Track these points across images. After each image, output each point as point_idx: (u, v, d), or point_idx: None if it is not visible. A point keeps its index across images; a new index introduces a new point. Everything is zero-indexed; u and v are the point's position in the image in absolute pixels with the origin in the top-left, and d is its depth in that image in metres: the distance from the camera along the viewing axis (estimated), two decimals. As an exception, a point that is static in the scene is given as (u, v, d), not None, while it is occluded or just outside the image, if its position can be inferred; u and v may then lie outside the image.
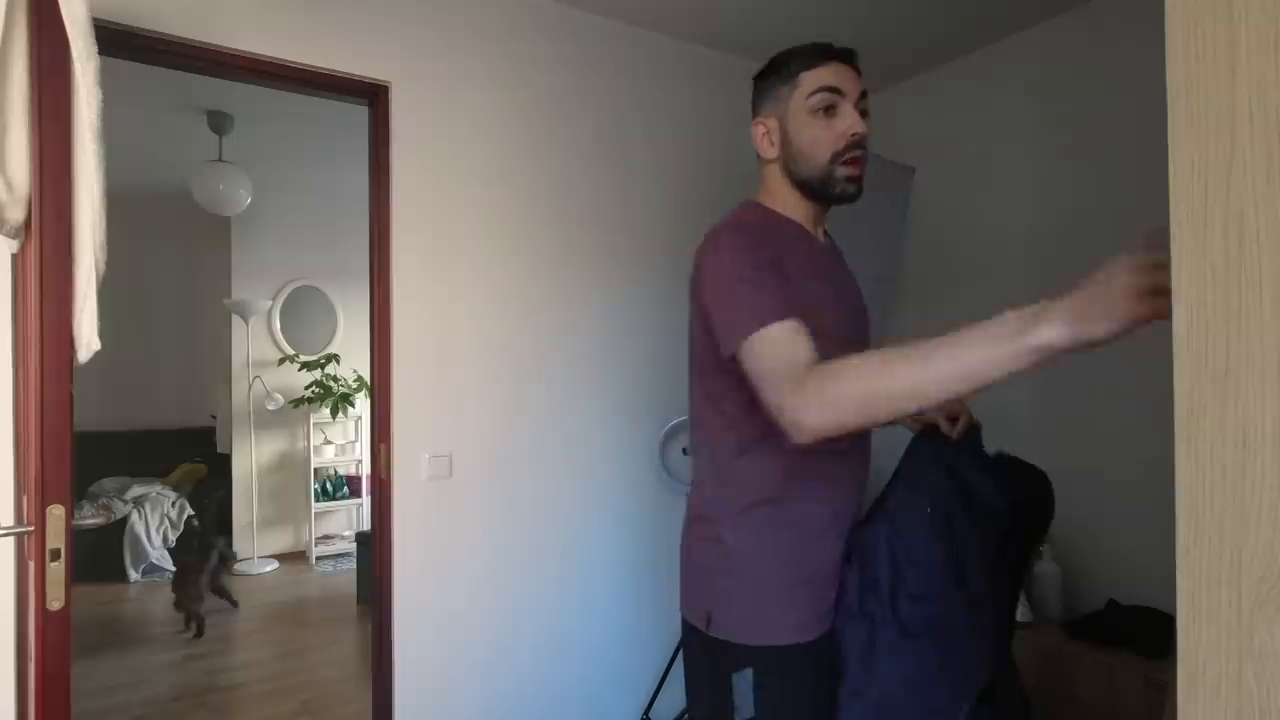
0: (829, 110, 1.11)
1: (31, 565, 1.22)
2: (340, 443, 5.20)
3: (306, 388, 4.88)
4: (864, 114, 1.12)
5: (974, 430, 1.16)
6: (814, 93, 1.11)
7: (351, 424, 5.21)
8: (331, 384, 4.88)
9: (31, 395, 1.22)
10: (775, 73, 1.16)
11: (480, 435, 2.23)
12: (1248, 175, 0.44)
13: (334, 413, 4.86)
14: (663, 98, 2.57)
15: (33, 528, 1.21)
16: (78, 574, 2.36)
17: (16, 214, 1.24)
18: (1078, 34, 2.39)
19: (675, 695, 2.55)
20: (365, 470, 5.18)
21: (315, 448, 5.05)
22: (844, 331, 1.15)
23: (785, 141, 1.15)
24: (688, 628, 1.19)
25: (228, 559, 4.12)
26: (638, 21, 2.48)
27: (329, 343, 5.20)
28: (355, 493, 5.14)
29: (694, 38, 2.60)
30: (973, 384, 0.78)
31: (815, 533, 1.12)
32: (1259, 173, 0.43)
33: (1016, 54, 2.57)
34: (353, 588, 4.26)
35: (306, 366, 4.90)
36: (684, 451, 2.55)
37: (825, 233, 1.26)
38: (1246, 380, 0.44)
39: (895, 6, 2.40)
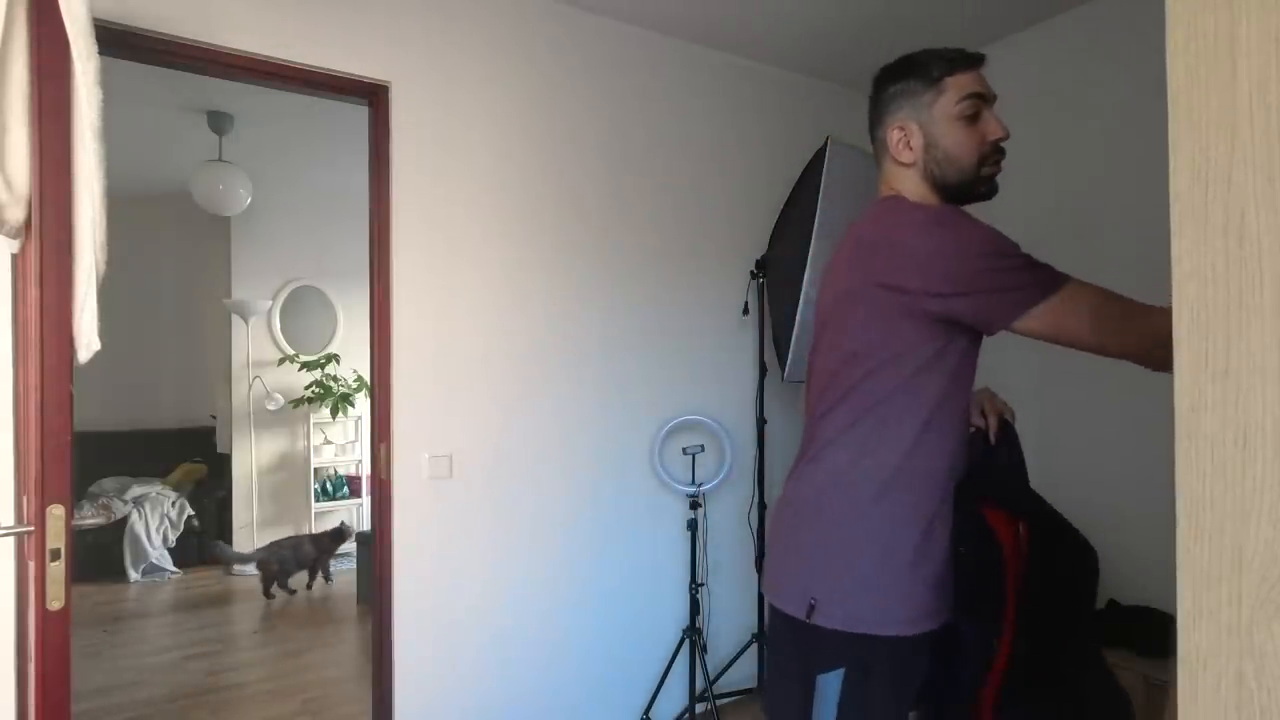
0: (974, 116, 1.12)
1: (31, 565, 1.22)
2: (340, 443, 5.20)
3: (306, 388, 4.87)
4: None
5: (1007, 428, 1.18)
6: (963, 99, 1.11)
7: (351, 424, 5.21)
8: (331, 384, 4.88)
9: (31, 395, 1.22)
10: (913, 76, 1.14)
11: (480, 435, 2.23)
12: (1248, 174, 0.44)
13: (334, 413, 4.86)
14: (663, 97, 2.57)
15: (33, 528, 1.20)
16: (78, 574, 2.36)
17: (16, 214, 1.23)
18: (1078, 34, 2.39)
19: (675, 695, 2.55)
20: (365, 470, 5.18)
21: (315, 448, 5.05)
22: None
23: (929, 146, 1.14)
24: (782, 619, 1.15)
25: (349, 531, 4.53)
26: (637, 21, 2.48)
27: (329, 343, 5.19)
28: (355, 493, 5.14)
29: (693, 38, 2.60)
30: None
31: (946, 512, 1.10)
32: (1259, 172, 0.43)
33: (1016, 54, 2.56)
34: (353, 588, 4.26)
35: (306, 366, 4.89)
36: (684, 451, 2.55)
37: None
38: (1246, 379, 0.44)
39: (898, 7, 2.40)
